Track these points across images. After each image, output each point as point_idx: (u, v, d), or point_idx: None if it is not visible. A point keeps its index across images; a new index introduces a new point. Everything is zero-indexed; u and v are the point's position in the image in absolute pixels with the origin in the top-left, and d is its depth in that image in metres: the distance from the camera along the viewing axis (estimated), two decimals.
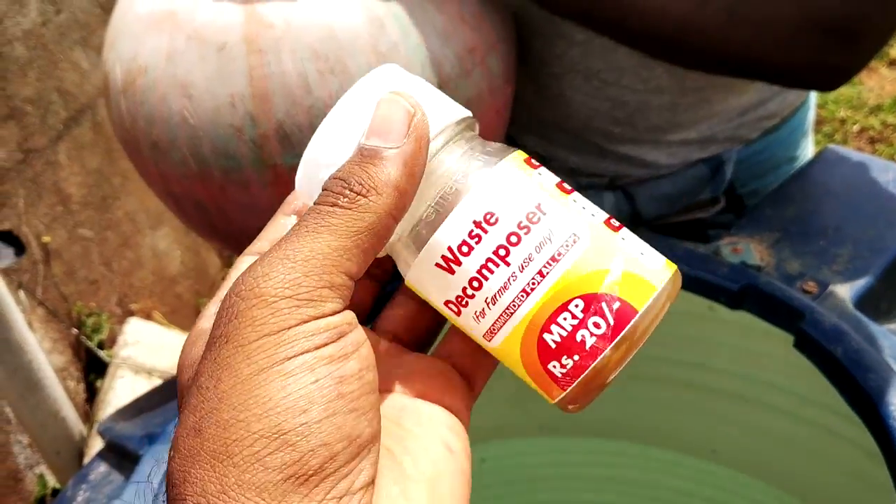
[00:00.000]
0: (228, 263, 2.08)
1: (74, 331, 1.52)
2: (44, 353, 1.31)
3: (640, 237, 0.28)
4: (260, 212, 0.61)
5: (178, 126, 0.58)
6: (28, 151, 1.40)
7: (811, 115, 0.83)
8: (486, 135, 0.65)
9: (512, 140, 0.84)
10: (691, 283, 0.65)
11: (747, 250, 0.67)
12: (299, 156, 0.58)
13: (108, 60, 0.63)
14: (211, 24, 0.57)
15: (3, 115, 1.33)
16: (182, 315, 1.85)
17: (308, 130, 0.56)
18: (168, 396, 0.71)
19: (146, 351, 1.59)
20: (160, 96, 0.58)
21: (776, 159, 0.80)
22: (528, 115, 0.78)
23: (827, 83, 0.61)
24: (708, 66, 0.62)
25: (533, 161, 0.28)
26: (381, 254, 0.28)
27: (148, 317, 1.72)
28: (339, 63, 0.56)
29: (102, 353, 1.56)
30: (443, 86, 0.59)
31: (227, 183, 0.59)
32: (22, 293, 1.37)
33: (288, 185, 0.59)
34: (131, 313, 1.68)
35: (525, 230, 0.26)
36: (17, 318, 1.22)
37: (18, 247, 1.10)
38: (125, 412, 0.75)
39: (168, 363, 1.59)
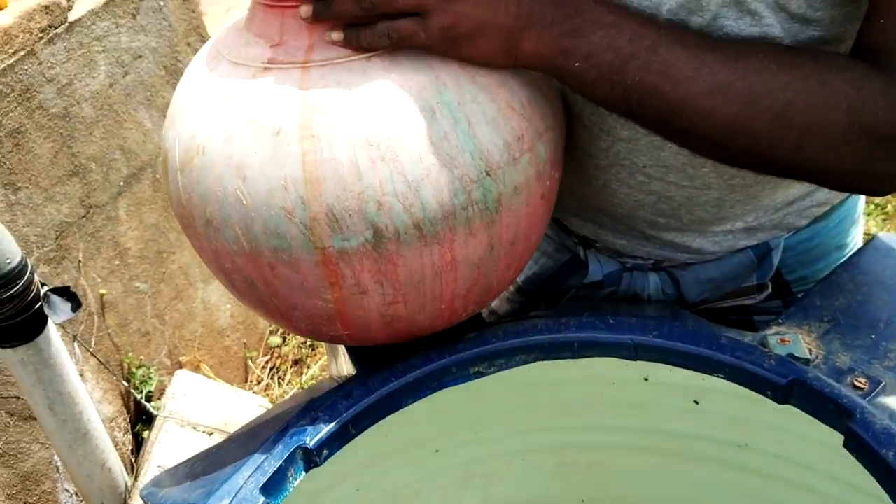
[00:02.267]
0: None
1: (124, 383, 1.55)
2: (94, 404, 1.34)
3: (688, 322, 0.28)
4: (308, 290, 0.62)
5: (232, 206, 0.60)
6: (90, 207, 1.45)
7: (861, 202, 0.82)
8: (531, 220, 0.66)
9: (558, 222, 0.85)
10: (736, 374, 0.64)
11: (795, 341, 0.66)
12: (348, 239, 0.59)
13: (167, 138, 0.66)
14: (268, 108, 0.59)
15: (67, 172, 1.38)
16: (230, 367, 1.87)
17: (357, 215, 0.58)
18: (212, 466, 0.72)
19: (192, 404, 1.62)
20: (216, 176, 0.60)
21: (825, 247, 0.79)
22: (574, 199, 0.78)
23: (876, 189, 0.61)
24: (755, 167, 0.62)
25: None
26: None
27: (196, 369, 1.74)
28: (391, 151, 0.57)
29: (150, 406, 1.58)
30: (490, 172, 0.60)
31: (276, 262, 0.61)
32: (76, 344, 1.41)
33: (336, 267, 0.60)
34: (180, 365, 1.71)
35: None
36: (71, 370, 1.25)
37: (75, 302, 1.13)
38: (171, 475, 0.76)
39: (213, 418, 1.61)
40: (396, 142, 0.57)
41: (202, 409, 1.62)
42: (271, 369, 2.01)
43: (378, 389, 0.65)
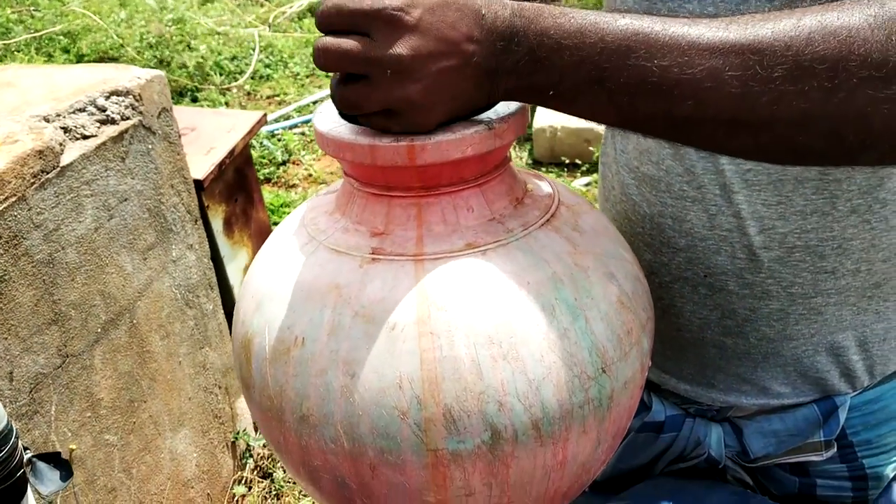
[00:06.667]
0: (241, 467, 2.00)
1: None
2: None
3: None
4: (409, 493, 0.58)
5: (336, 402, 0.56)
6: (66, 356, 1.36)
7: None
8: (630, 412, 0.64)
9: None
10: None
11: None
12: (463, 441, 0.56)
13: (252, 324, 0.62)
14: (381, 302, 0.56)
15: (47, 321, 1.30)
16: None
17: (476, 416, 0.55)
18: None
19: None
20: (318, 370, 0.57)
21: (890, 410, 0.79)
22: None
23: None
24: (797, 147, 0.49)
25: None
26: None
27: None
28: (513, 349, 0.55)
29: None
30: (605, 368, 0.58)
31: (379, 463, 0.57)
32: None
33: (446, 469, 0.56)
34: None
35: None
36: None
37: (66, 470, 1.04)
38: None
39: None
40: (518, 340, 0.55)
41: None
42: None
43: None
